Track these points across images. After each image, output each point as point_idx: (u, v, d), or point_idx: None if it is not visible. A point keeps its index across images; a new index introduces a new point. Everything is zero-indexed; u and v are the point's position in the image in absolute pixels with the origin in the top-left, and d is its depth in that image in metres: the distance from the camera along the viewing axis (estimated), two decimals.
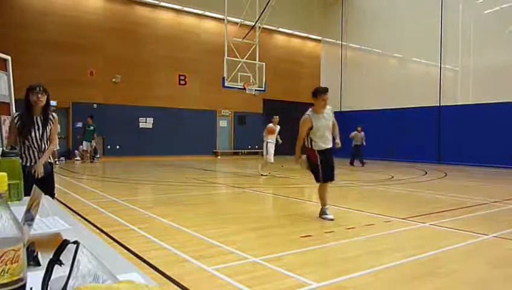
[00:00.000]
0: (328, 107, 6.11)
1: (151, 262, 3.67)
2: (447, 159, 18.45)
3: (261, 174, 12.36)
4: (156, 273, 3.40)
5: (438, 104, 19.42)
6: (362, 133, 17.67)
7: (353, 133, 17.71)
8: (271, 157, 12.41)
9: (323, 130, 5.97)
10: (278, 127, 12.87)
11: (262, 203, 7.73)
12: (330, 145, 6.13)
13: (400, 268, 3.73)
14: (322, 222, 6.36)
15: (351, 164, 17.57)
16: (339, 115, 24.23)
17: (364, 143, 17.59)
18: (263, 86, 19.13)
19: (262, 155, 12.79)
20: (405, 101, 20.50)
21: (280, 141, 13.49)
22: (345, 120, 23.82)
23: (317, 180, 6.12)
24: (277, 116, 13.04)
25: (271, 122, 12.96)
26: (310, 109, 6.06)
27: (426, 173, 14.34)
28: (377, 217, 6.14)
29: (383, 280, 3.44)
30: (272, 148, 12.43)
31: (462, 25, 18.66)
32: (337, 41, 24.99)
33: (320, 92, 5.98)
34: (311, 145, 6.01)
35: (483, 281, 3.49)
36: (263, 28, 20.23)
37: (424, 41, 19.98)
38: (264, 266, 3.66)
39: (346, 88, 24.26)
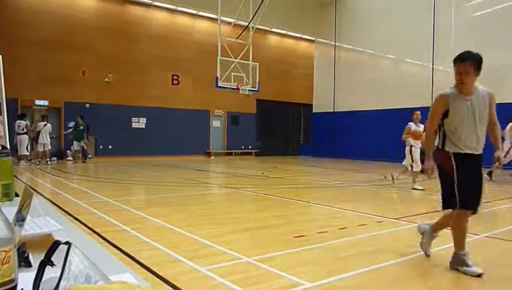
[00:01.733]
0: (483, 88, 3.83)
1: (143, 262, 3.65)
2: None
3: (416, 188, 9.84)
4: (149, 273, 3.39)
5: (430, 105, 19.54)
6: None
7: None
8: (417, 164, 9.80)
9: (467, 122, 3.66)
10: (422, 126, 9.70)
11: (255, 204, 7.74)
12: (479, 151, 3.77)
13: (393, 268, 3.75)
14: (314, 222, 6.38)
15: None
16: (332, 116, 24.50)
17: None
18: (256, 86, 19.14)
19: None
20: (398, 101, 20.59)
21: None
22: (338, 121, 23.94)
23: (446, 204, 3.86)
24: (418, 112, 10.07)
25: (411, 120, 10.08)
26: (453, 86, 3.82)
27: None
28: (369, 217, 6.16)
29: (376, 280, 3.45)
30: (417, 154, 9.88)
31: (454, 26, 18.78)
32: (331, 42, 25.05)
33: (456, 60, 3.82)
34: (444, 143, 3.77)
35: (475, 281, 3.51)
36: (257, 28, 20.23)
37: (417, 43, 20.09)
38: (257, 266, 3.66)
39: (340, 88, 24.33)
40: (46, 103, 17.96)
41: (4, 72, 2.18)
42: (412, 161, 9.84)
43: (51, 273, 0.72)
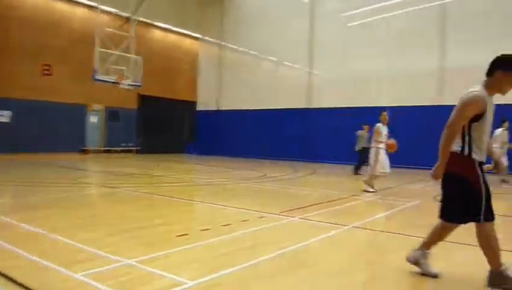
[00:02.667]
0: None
1: (9, 274, 3.27)
2: (316, 157, 19.96)
3: (367, 191, 9.33)
4: (16, 285, 3.04)
5: (308, 106, 20.94)
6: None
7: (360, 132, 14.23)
8: (381, 166, 9.31)
9: (490, 129, 3.46)
10: (386, 128, 9.55)
11: (137, 203, 7.46)
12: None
13: (273, 261, 3.93)
14: (198, 220, 6.39)
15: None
16: (216, 114, 24.76)
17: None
18: (138, 81, 18.48)
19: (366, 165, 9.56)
20: (279, 102, 21.67)
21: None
22: (223, 119, 24.29)
23: (463, 218, 3.42)
24: (385, 112, 9.72)
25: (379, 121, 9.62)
26: (479, 87, 3.38)
27: (297, 170, 15.34)
28: (251, 213, 6.36)
29: (257, 274, 3.58)
30: (384, 156, 9.38)
31: (330, 34, 20.37)
32: (215, 41, 25.30)
33: None
34: (470, 151, 3.36)
35: (345, 267, 3.86)
36: (139, 20, 19.52)
37: (296, 47, 21.33)
38: (138, 268, 3.54)
39: (224, 87, 24.72)
40: None
41: None
42: (376, 164, 9.30)
43: None
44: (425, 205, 7.91)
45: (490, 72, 3.36)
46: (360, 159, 13.98)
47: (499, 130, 11.54)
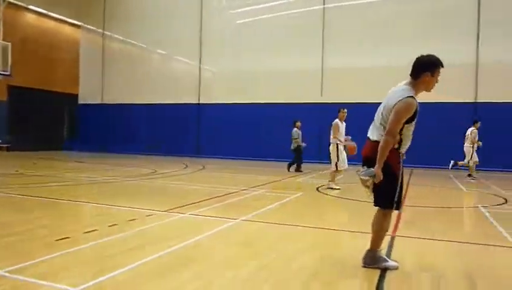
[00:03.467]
0: None
1: None
2: (206, 153, 20.03)
3: (332, 188, 9.36)
4: None
5: (198, 102, 20.88)
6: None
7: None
8: (342, 161, 9.44)
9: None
10: (344, 124, 9.64)
11: (8, 207, 6.70)
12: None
13: (162, 259, 3.85)
14: (81, 221, 6.00)
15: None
16: (101, 108, 23.35)
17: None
18: (8, 70, 16.62)
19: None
20: (168, 96, 21.22)
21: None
22: (109, 113, 23.00)
23: (385, 203, 3.68)
24: (346, 109, 9.65)
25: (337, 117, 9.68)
26: (409, 88, 3.58)
27: (187, 166, 15.22)
28: (139, 211, 6.16)
29: (145, 274, 3.47)
30: (344, 153, 9.46)
31: (220, 31, 20.53)
32: (99, 30, 23.78)
33: (440, 65, 3.58)
34: (399, 146, 3.63)
35: (234, 260, 3.95)
36: (9, 2, 17.54)
37: (187, 42, 21.10)
38: (9, 279, 3.19)
39: (110, 80, 23.38)
40: None
41: None
42: (338, 160, 9.44)
43: None
44: (309, 195, 8.49)
45: (417, 75, 3.57)
46: (295, 157, 13.58)
47: (469, 129, 12.46)
